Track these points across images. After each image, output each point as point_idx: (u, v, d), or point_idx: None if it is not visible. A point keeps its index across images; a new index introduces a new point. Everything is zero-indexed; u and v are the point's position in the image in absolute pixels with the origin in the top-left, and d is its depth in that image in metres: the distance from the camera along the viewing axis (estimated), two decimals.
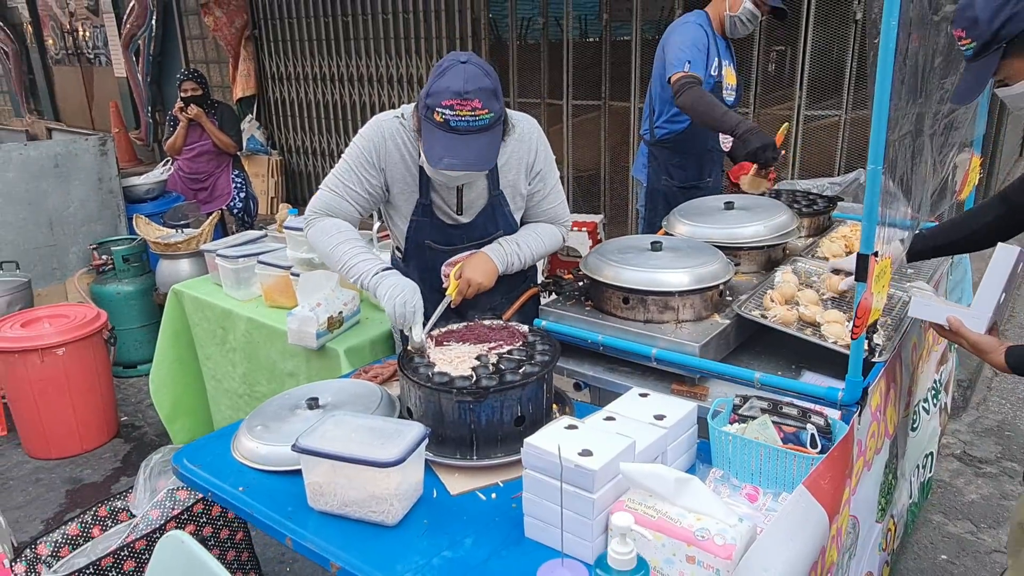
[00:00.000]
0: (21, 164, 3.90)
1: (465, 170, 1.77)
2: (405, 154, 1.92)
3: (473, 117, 1.71)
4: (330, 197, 1.97)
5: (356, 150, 1.95)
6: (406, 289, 1.78)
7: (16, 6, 8.73)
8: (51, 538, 2.16)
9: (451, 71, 1.73)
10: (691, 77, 2.69)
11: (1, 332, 3.13)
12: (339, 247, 1.91)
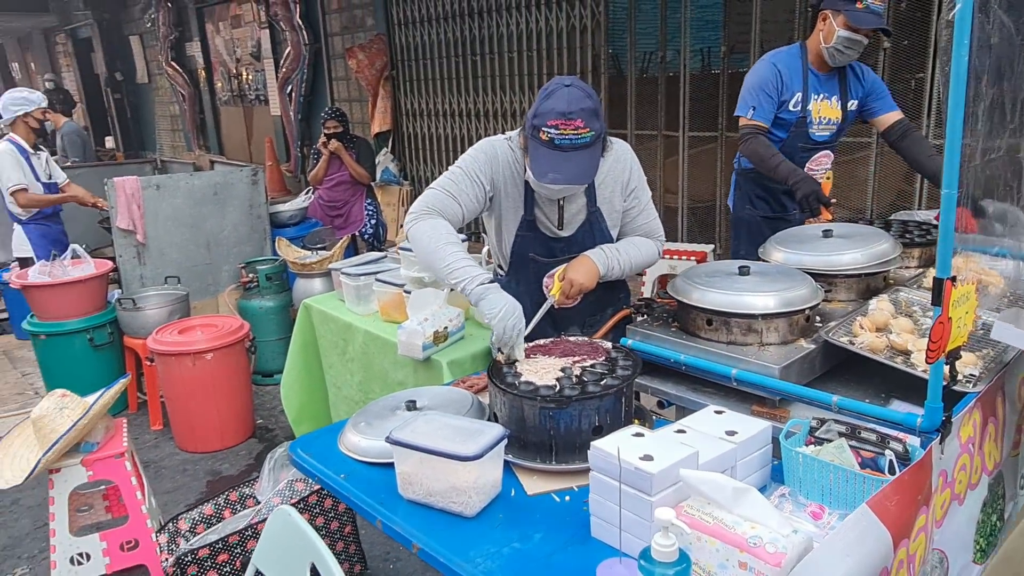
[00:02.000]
0: (187, 192, 4.45)
1: (567, 184, 1.91)
2: (513, 172, 2.09)
3: (576, 135, 1.86)
4: (440, 196, 2.03)
5: (470, 159, 2.08)
6: (511, 308, 1.84)
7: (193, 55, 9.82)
8: (190, 516, 2.45)
9: (556, 94, 1.89)
10: (753, 127, 2.74)
11: (162, 337, 3.57)
12: (445, 247, 1.95)
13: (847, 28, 2.61)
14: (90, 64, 12.36)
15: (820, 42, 2.72)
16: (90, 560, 2.61)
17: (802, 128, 2.80)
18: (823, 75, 2.80)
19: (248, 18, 8.52)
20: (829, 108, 2.81)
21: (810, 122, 2.79)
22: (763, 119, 2.76)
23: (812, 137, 2.82)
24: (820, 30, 2.72)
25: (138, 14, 10.45)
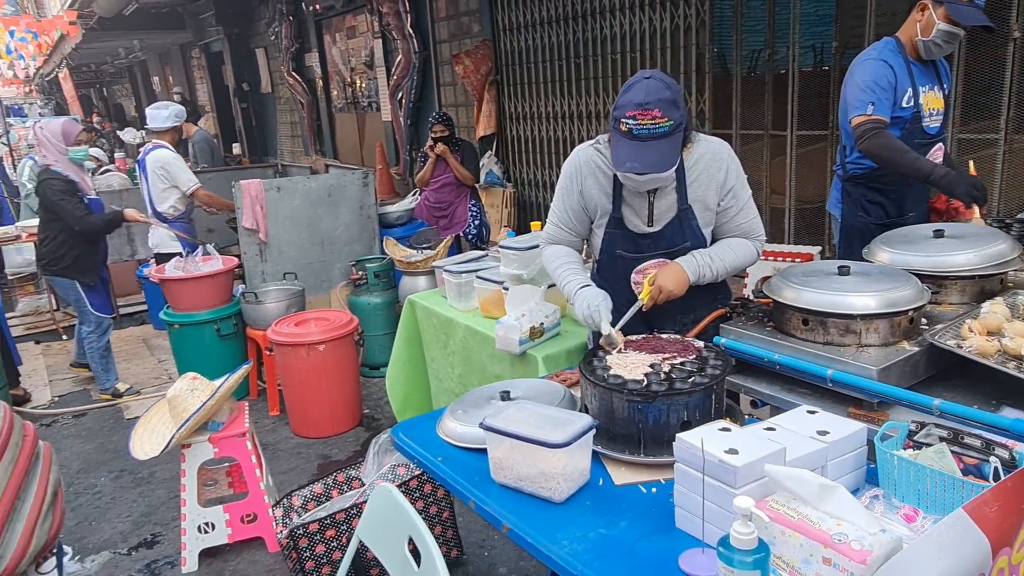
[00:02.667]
0: (304, 194, 4.75)
1: (644, 171, 1.97)
2: (599, 175, 2.16)
3: (653, 125, 1.91)
4: (551, 228, 2.35)
5: (560, 184, 2.29)
6: (592, 294, 2.07)
7: (312, 65, 10.37)
8: (302, 493, 2.64)
9: (635, 86, 1.96)
10: (874, 121, 2.59)
11: (280, 329, 3.83)
12: (556, 270, 2.28)
13: (948, 22, 2.49)
14: (220, 76, 13.28)
15: (916, 34, 2.60)
16: (214, 529, 2.86)
17: (917, 124, 2.69)
18: (921, 66, 2.69)
19: (362, 29, 8.92)
20: (935, 98, 2.70)
21: (922, 116, 2.68)
22: (883, 114, 2.65)
23: (926, 131, 2.71)
24: (916, 21, 2.61)
25: (263, 28, 11.14)
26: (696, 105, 5.10)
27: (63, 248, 4.21)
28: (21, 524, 1.05)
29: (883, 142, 2.59)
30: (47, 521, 1.09)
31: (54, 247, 4.22)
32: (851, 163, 2.90)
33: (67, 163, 4.19)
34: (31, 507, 1.07)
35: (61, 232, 4.21)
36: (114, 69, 21.20)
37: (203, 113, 13.77)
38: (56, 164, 4.17)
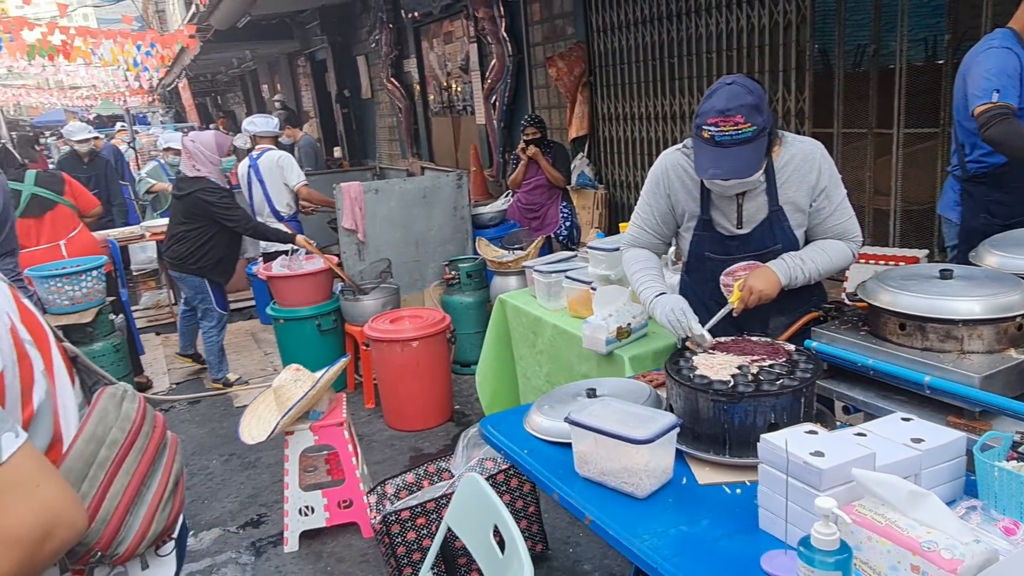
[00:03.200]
0: (400, 195, 4.92)
1: (727, 178, 1.97)
2: (686, 179, 2.17)
3: (735, 131, 1.91)
4: (634, 230, 2.37)
5: (646, 186, 2.31)
6: (671, 300, 2.08)
7: (410, 71, 10.68)
8: (395, 482, 2.76)
9: (717, 92, 1.96)
10: (1001, 108, 2.44)
11: (376, 325, 4.00)
12: (635, 274, 2.30)
13: None
14: (324, 83, 13.87)
15: None
16: (313, 513, 3.02)
17: None
18: None
19: (458, 34, 9.12)
20: None
21: None
22: (1010, 101, 2.50)
23: None
24: None
25: (364, 36, 11.56)
26: (795, 104, 4.96)
27: (204, 249, 4.46)
28: (144, 509, 1.14)
29: (1011, 128, 2.44)
30: (167, 508, 1.19)
31: (195, 248, 4.45)
32: (972, 162, 2.77)
33: (219, 174, 4.49)
34: (154, 494, 1.17)
35: (207, 235, 4.43)
36: (227, 78, 22.49)
37: (307, 119, 14.42)
38: (211, 175, 4.43)
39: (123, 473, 1.11)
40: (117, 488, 1.10)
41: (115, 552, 1.09)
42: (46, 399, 1.06)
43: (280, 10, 11.81)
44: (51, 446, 1.06)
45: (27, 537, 0.89)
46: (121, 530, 1.10)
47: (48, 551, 0.92)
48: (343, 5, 11.68)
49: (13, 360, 1.00)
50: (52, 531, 0.91)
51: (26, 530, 0.89)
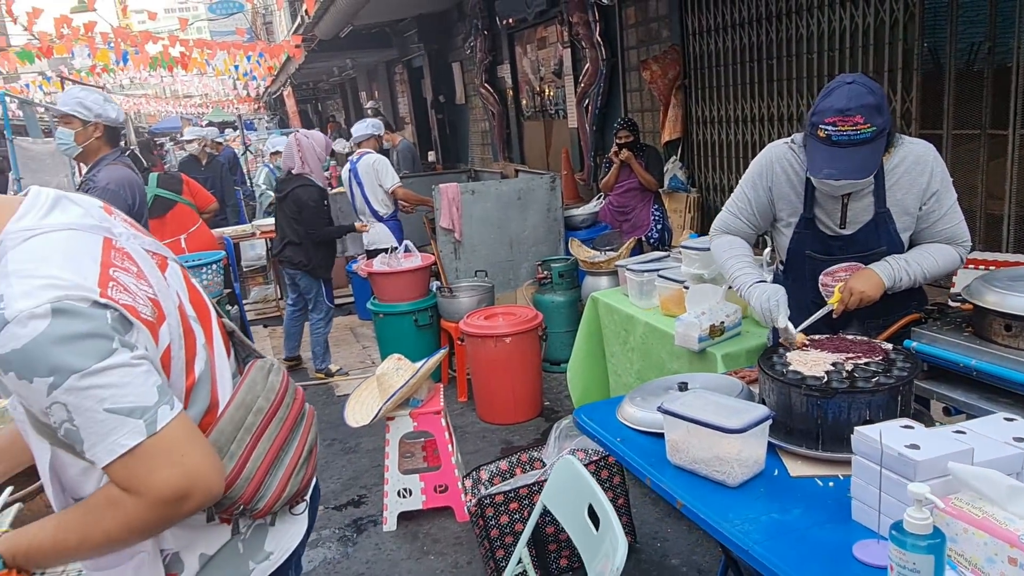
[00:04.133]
0: (495, 196, 5.07)
1: (843, 178, 1.95)
2: (791, 175, 2.17)
3: (854, 131, 1.90)
4: (727, 217, 2.35)
5: (748, 175, 2.29)
6: (770, 289, 2.08)
7: (503, 76, 10.88)
8: (489, 468, 2.88)
9: (836, 91, 1.95)
10: None
11: (472, 321, 4.15)
12: (728, 260, 2.29)
13: None
14: (420, 89, 14.30)
15: None
16: (411, 495, 3.19)
17: None
18: None
19: (552, 39, 9.24)
20: None
21: None
22: None
23: None
24: None
25: (460, 43, 11.85)
26: (901, 104, 4.81)
27: (315, 249, 4.83)
28: (282, 472, 1.28)
29: None
30: (302, 472, 1.33)
31: (306, 250, 4.80)
32: None
33: (321, 173, 4.85)
34: (291, 458, 1.31)
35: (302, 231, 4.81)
36: (328, 86, 23.46)
37: (403, 125, 14.89)
38: (312, 174, 4.80)
39: (266, 438, 1.26)
40: (260, 451, 1.25)
41: (255, 507, 1.24)
42: (206, 369, 1.22)
43: (380, 20, 12.26)
44: (208, 410, 1.22)
45: (169, 498, 1.04)
46: (261, 488, 1.24)
47: (185, 510, 1.07)
48: (440, 14, 12.03)
49: (179, 334, 1.16)
50: (190, 494, 1.06)
51: (168, 492, 1.04)
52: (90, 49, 12.82)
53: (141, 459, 1.02)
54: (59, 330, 0.97)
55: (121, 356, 1.01)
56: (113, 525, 1.05)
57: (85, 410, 0.99)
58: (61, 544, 1.07)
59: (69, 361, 0.97)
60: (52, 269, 1.01)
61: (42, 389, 0.98)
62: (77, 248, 1.06)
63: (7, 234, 1.05)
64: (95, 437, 1.00)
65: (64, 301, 0.98)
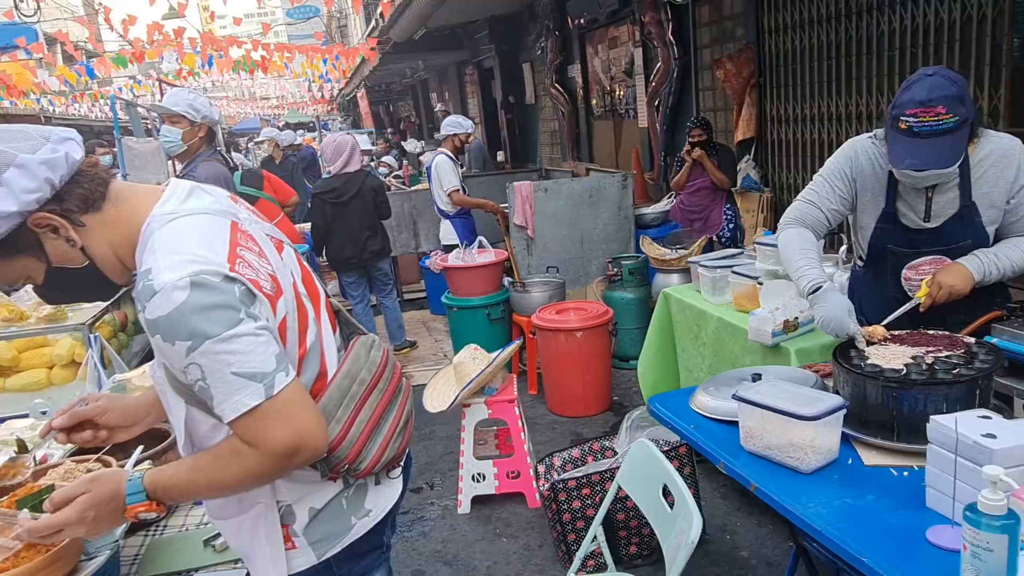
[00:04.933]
0: (567, 194, 5.16)
1: (925, 168, 1.96)
2: (876, 167, 2.19)
3: (936, 122, 1.91)
4: (804, 207, 2.33)
5: (831, 165, 2.29)
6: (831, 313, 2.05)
7: (574, 76, 10.95)
8: (561, 455, 2.98)
9: (917, 84, 1.97)
10: None
11: (544, 315, 4.25)
12: (794, 254, 2.24)
13: None
14: (490, 90, 14.50)
15: None
16: (484, 480, 3.31)
17: None
18: None
19: (623, 39, 9.26)
20: None
21: None
22: None
23: None
24: None
25: (531, 44, 11.97)
26: (988, 102, 4.67)
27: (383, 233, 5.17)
28: (381, 438, 1.41)
29: None
30: (398, 440, 1.45)
31: (383, 235, 5.16)
32: None
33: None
34: (389, 427, 1.43)
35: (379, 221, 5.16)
36: (400, 87, 23.98)
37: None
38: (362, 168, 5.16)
39: (367, 407, 1.39)
40: (363, 417, 1.38)
41: (358, 467, 1.37)
42: (316, 341, 1.36)
43: (453, 22, 12.50)
44: (317, 378, 1.35)
45: (281, 452, 1.19)
46: (363, 451, 1.37)
47: (295, 463, 1.22)
48: (511, 15, 12.18)
49: (294, 308, 1.30)
50: (299, 451, 1.20)
51: (280, 447, 1.18)
52: (178, 53, 13.49)
53: (259, 418, 1.16)
54: (197, 300, 1.11)
55: (247, 326, 1.15)
56: (235, 471, 1.21)
57: (215, 372, 1.13)
58: (192, 483, 1.23)
59: (204, 328, 1.12)
60: (191, 247, 1.16)
61: (182, 351, 1.12)
62: (210, 230, 1.21)
63: (153, 217, 1.21)
64: (222, 395, 1.15)
65: (201, 275, 1.13)
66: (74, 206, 1.18)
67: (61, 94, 19.34)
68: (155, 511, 1.24)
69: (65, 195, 1.17)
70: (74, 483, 1.24)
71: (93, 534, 1.27)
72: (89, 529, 1.23)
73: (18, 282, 1.23)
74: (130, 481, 1.23)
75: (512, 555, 2.98)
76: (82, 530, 1.23)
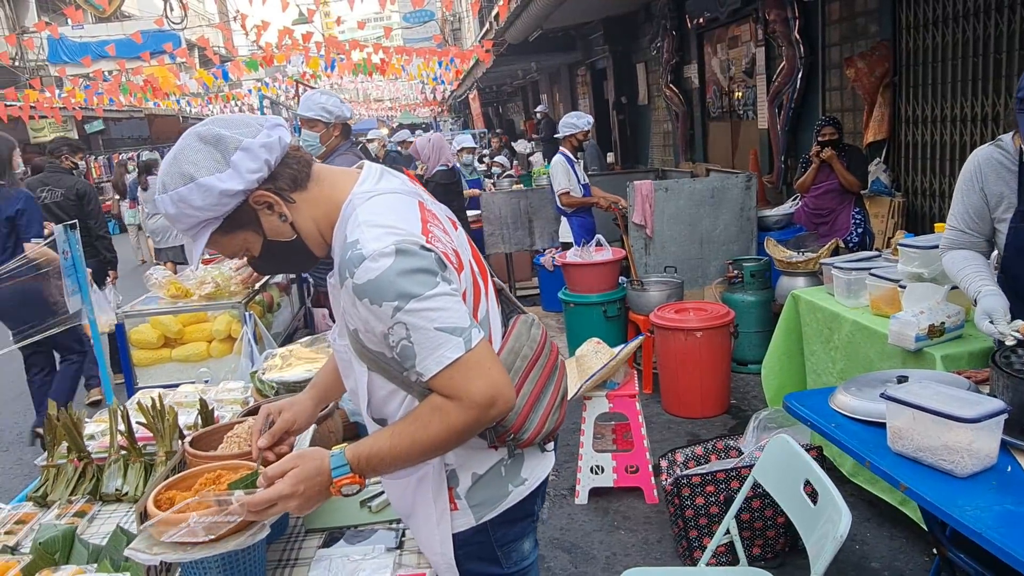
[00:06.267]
0: (688, 194, 5.12)
1: None
2: (1002, 171, 2.16)
3: None
4: (951, 233, 2.37)
5: (959, 184, 2.31)
6: (991, 302, 2.07)
7: (690, 76, 10.80)
8: (684, 452, 2.98)
9: None
10: None
11: (663, 314, 4.24)
12: (960, 272, 2.30)
13: None
14: (602, 91, 14.49)
15: None
16: (603, 473, 3.35)
17: None
18: None
19: (745, 38, 9.05)
20: None
21: None
22: None
23: None
24: None
25: (646, 44, 11.88)
26: None
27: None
28: (541, 410, 1.48)
29: None
30: (555, 415, 1.53)
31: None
32: None
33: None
34: (548, 402, 1.50)
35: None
36: (511, 89, 24.31)
37: None
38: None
39: (529, 380, 1.47)
40: (526, 390, 1.46)
41: (521, 437, 1.45)
42: (485, 316, 1.45)
43: (567, 23, 12.58)
44: None
45: (481, 403, 1.26)
46: (527, 421, 1.45)
47: (490, 416, 1.28)
48: (627, 16, 12.13)
49: (470, 283, 1.40)
50: (496, 401, 1.27)
51: (481, 397, 1.25)
52: (304, 57, 14.23)
53: (460, 370, 1.24)
54: (401, 265, 1.22)
55: (443, 287, 1.25)
56: (438, 429, 1.27)
57: (420, 328, 1.23)
58: (396, 448, 1.30)
59: (409, 288, 1.22)
60: (391, 220, 1.28)
61: (388, 312, 1.23)
62: (404, 207, 1.33)
63: (354, 195, 1.34)
64: (426, 351, 1.24)
65: (403, 243, 1.24)
66: (285, 185, 1.32)
67: (197, 96, 20.82)
68: (357, 483, 1.31)
69: (278, 175, 1.32)
70: (282, 460, 1.34)
71: (303, 509, 1.31)
72: (300, 504, 1.28)
73: (238, 254, 1.39)
74: (333, 456, 1.32)
75: (631, 547, 3.01)
76: (293, 504, 1.28)
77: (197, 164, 1.25)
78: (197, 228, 1.30)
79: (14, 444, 4.81)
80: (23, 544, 1.74)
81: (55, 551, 1.62)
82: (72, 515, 1.85)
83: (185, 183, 1.25)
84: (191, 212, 1.27)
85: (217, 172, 1.25)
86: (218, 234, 1.33)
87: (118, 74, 15.23)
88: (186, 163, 1.26)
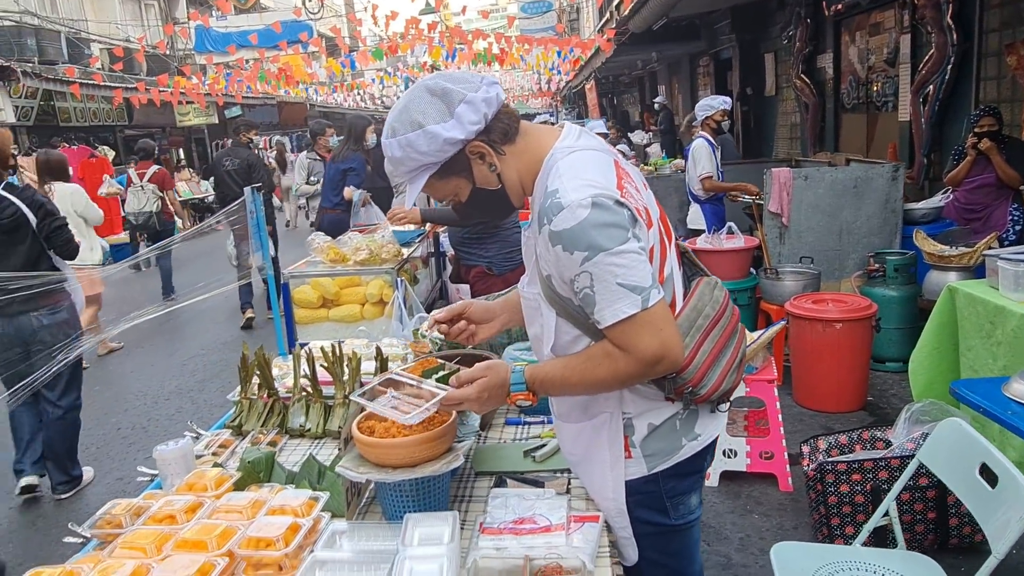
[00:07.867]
0: (829, 184, 4.96)
1: None
2: None
3: None
4: None
5: None
6: None
7: (823, 66, 10.36)
8: (828, 439, 2.95)
9: None
10: None
11: (799, 304, 4.15)
12: None
13: None
14: (725, 82, 14.10)
15: None
16: (735, 457, 3.33)
17: None
18: None
19: (888, 24, 8.59)
20: None
21: None
22: None
23: None
24: None
25: (776, 33, 11.49)
26: None
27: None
28: (719, 370, 1.51)
29: None
30: (733, 376, 1.56)
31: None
32: None
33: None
34: (727, 361, 1.54)
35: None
36: (628, 79, 24.05)
37: None
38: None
39: (710, 339, 1.52)
40: (706, 348, 1.50)
41: (698, 392, 1.50)
42: (671, 274, 1.51)
43: (693, 12, 12.33)
44: (670, 306, 1.50)
45: (648, 359, 1.35)
46: (705, 377, 1.50)
47: (656, 371, 1.38)
48: (757, 3, 11.75)
49: (657, 241, 1.46)
50: (662, 360, 1.36)
51: (649, 354, 1.35)
52: (427, 46, 14.65)
53: (633, 326, 1.33)
54: (596, 218, 1.30)
55: (632, 244, 1.32)
56: (605, 370, 1.39)
57: (603, 280, 1.32)
58: (567, 378, 1.44)
59: (600, 241, 1.30)
60: (589, 174, 1.36)
61: (578, 260, 1.32)
62: (601, 163, 1.41)
63: (556, 150, 1.43)
64: (605, 303, 1.33)
65: (600, 197, 1.32)
66: (497, 137, 1.43)
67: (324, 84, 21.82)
68: (530, 400, 1.48)
69: (492, 128, 1.43)
70: (473, 368, 1.51)
71: (481, 411, 1.56)
72: (479, 406, 1.50)
73: (447, 198, 1.52)
74: (514, 372, 1.48)
75: (765, 531, 2.99)
76: (475, 407, 1.50)
77: (425, 113, 1.38)
78: (417, 171, 1.44)
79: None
80: (227, 464, 1.95)
81: (260, 470, 1.81)
82: (266, 444, 2.05)
83: (413, 130, 1.38)
84: (415, 156, 1.41)
85: (443, 121, 1.37)
86: (434, 178, 1.46)
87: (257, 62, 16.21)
88: (416, 112, 1.39)
